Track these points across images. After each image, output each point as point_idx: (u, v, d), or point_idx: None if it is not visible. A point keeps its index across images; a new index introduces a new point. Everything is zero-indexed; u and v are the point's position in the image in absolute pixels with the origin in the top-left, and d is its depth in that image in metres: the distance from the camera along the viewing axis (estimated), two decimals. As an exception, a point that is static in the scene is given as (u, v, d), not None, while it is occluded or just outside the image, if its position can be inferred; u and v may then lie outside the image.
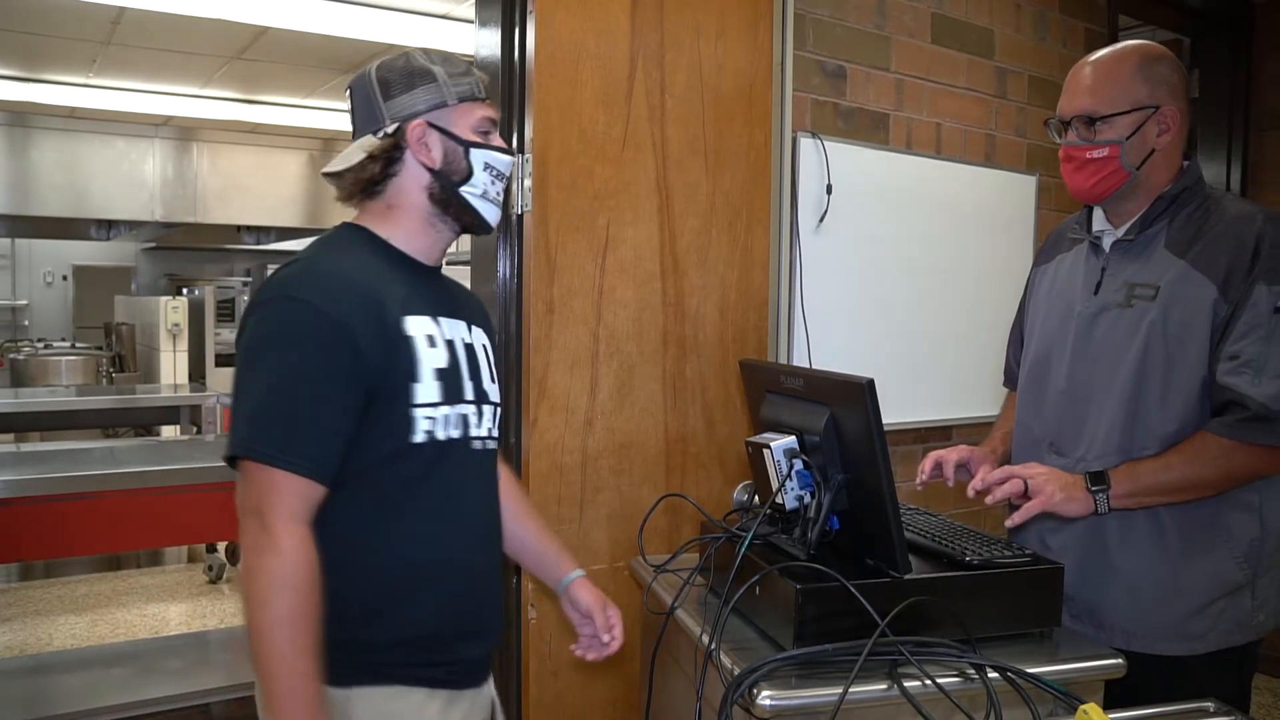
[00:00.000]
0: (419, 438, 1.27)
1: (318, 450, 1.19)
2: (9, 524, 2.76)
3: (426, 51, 1.37)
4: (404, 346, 1.26)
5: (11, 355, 6.52)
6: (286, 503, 1.16)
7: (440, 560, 1.32)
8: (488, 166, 1.35)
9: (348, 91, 1.38)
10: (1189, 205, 1.59)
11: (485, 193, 1.36)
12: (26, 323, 8.74)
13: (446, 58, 1.36)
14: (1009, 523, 1.54)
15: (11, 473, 2.81)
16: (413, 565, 1.29)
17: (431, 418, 1.28)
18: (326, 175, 1.38)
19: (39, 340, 7.52)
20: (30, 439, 4.95)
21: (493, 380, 1.41)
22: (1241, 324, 1.48)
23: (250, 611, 1.14)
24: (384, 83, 1.33)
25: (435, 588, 1.31)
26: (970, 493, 1.57)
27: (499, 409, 1.42)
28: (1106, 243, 1.67)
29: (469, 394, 1.34)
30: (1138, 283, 1.59)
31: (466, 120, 1.34)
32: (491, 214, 1.38)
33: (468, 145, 1.33)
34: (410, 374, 1.26)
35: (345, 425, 1.21)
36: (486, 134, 1.37)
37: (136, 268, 9.28)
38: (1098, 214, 1.70)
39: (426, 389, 1.28)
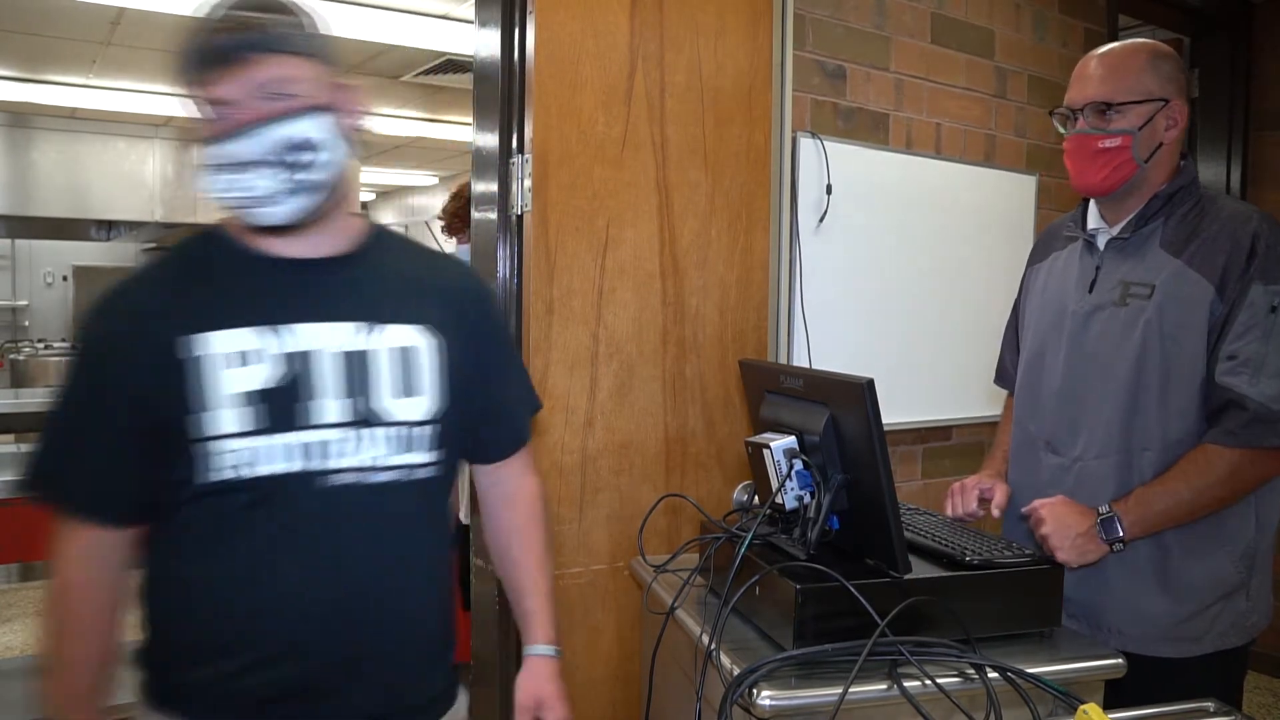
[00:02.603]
0: (223, 474, 1.09)
1: (85, 485, 1.13)
2: (9, 524, 2.76)
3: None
4: (179, 371, 1.09)
5: (11, 356, 6.52)
6: (62, 537, 1.14)
7: (257, 611, 1.12)
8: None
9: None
10: (1184, 205, 1.59)
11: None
12: (26, 323, 8.71)
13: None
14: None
15: (12, 473, 2.80)
16: (224, 613, 1.12)
17: (236, 450, 1.09)
18: None
19: (39, 341, 7.52)
20: (30, 439, 4.95)
21: (405, 393, 1.17)
22: (1238, 324, 1.48)
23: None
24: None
25: (248, 638, 1.13)
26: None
27: (421, 428, 1.18)
28: (1101, 241, 1.66)
29: (318, 417, 1.12)
30: (1133, 281, 1.59)
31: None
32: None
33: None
34: (187, 404, 1.08)
35: (120, 458, 1.12)
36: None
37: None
38: (1092, 212, 1.70)
39: (221, 418, 1.08)
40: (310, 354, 1.13)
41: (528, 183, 2.01)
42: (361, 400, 1.15)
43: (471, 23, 2.22)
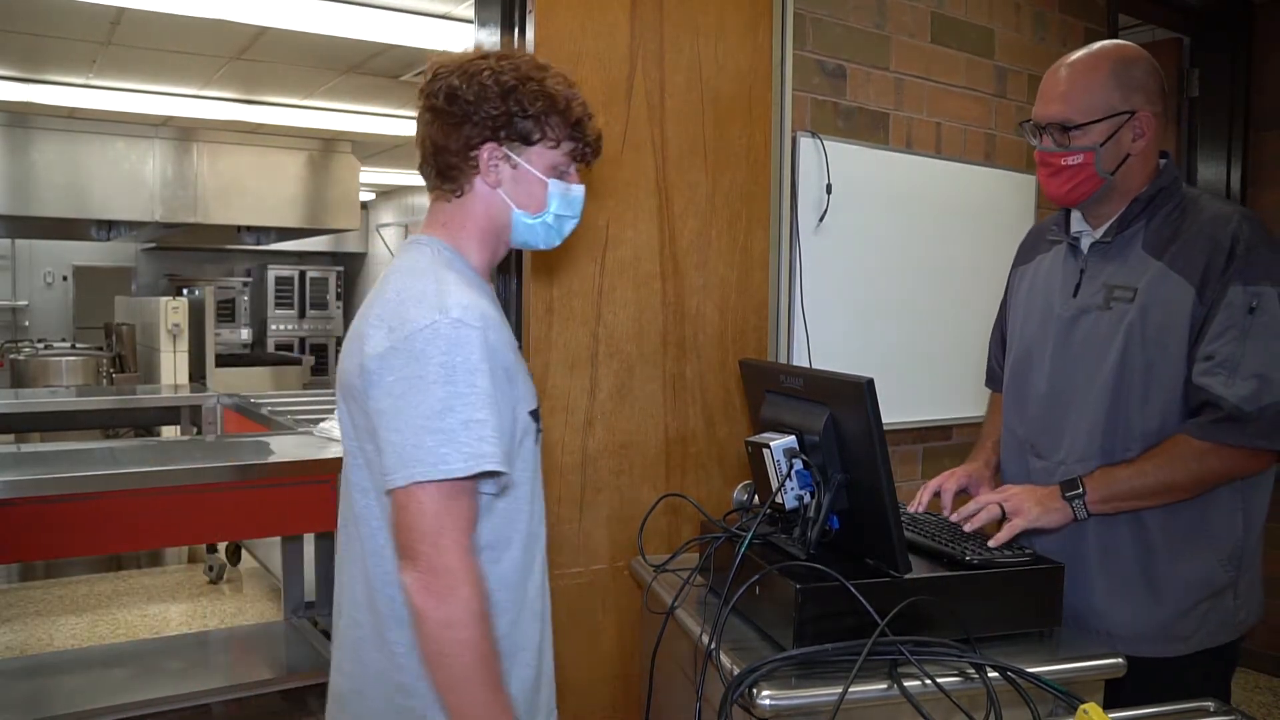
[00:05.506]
0: None
1: None
2: (9, 524, 2.76)
3: None
4: None
5: (12, 356, 6.51)
6: None
7: None
8: None
9: None
10: (1166, 206, 1.58)
11: None
12: (27, 323, 8.73)
13: None
14: (993, 543, 1.53)
15: (12, 473, 2.80)
16: None
17: None
18: None
19: (39, 341, 7.51)
20: (31, 439, 4.95)
21: None
22: (1216, 324, 1.47)
23: None
24: None
25: None
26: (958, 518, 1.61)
27: None
28: (1085, 244, 1.66)
29: None
30: (1116, 284, 1.59)
31: None
32: None
33: None
34: None
35: None
36: None
37: (136, 268, 9.28)
38: (1076, 215, 1.69)
39: None
40: None
41: (528, 183, 2.00)
42: None
43: (471, 23, 2.22)
